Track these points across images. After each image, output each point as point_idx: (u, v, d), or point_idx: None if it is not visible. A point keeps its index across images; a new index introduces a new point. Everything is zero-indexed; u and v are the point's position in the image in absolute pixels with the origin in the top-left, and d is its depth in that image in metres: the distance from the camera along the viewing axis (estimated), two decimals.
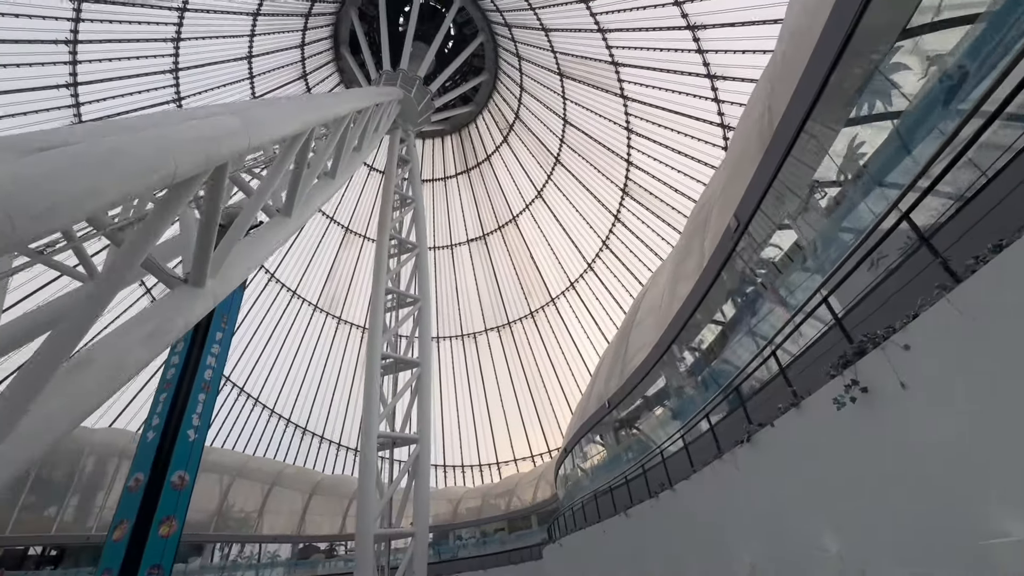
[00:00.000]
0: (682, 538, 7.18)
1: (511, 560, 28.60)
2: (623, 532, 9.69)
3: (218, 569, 24.94)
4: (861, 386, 3.33)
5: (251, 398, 41.92)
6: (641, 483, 9.40)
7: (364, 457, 21.86)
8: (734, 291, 6.96)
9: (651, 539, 8.44)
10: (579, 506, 13.46)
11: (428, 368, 26.86)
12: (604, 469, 13.98)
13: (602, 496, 12.02)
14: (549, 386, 47.65)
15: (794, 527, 4.32)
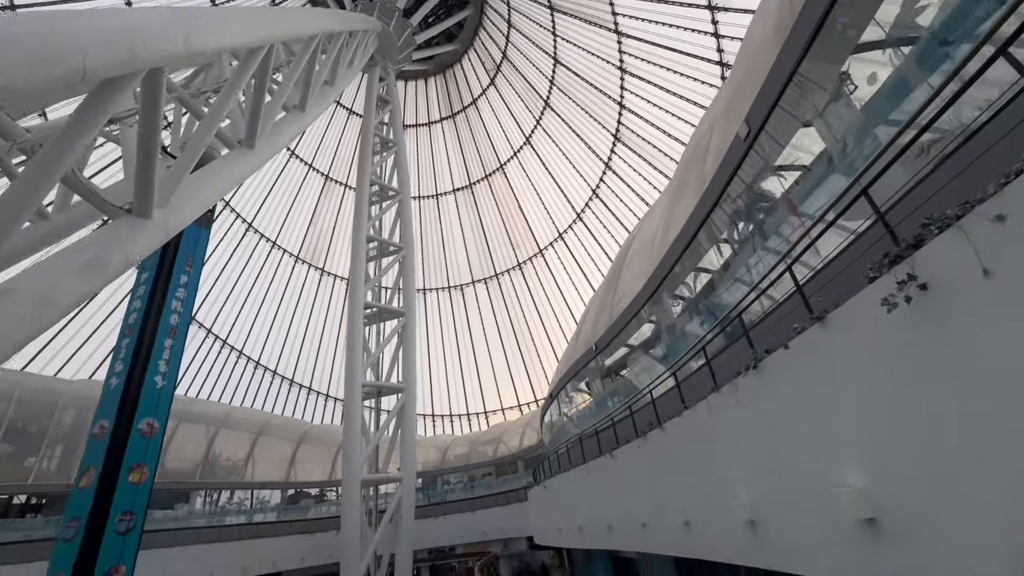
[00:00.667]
0: (670, 477, 6.85)
1: (498, 503, 29.39)
2: (608, 473, 9.43)
3: (207, 515, 25.13)
4: (919, 282, 2.70)
5: (235, 350, 41.32)
6: (628, 425, 9.06)
7: (349, 405, 21.64)
8: (741, 211, 6.27)
9: (637, 479, 8.15)
10: (564, 450, 13.31)
11: (412, 317, 26.32)
12: (589, 413, 13.77)
13: (587, 439, 11.78)
14: (536, 337, 47.77)
15: (804, 461, 3.89)
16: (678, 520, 6.60)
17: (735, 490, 5.01)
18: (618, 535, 9.07)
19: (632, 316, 9.63)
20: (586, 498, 10.92)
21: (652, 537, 7.55)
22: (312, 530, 28.12)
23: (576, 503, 11.61)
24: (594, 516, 10.30)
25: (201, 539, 22.59)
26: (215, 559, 22.49)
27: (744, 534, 4.81)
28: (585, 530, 10.88)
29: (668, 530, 6.88)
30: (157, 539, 21.10)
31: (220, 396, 38.53)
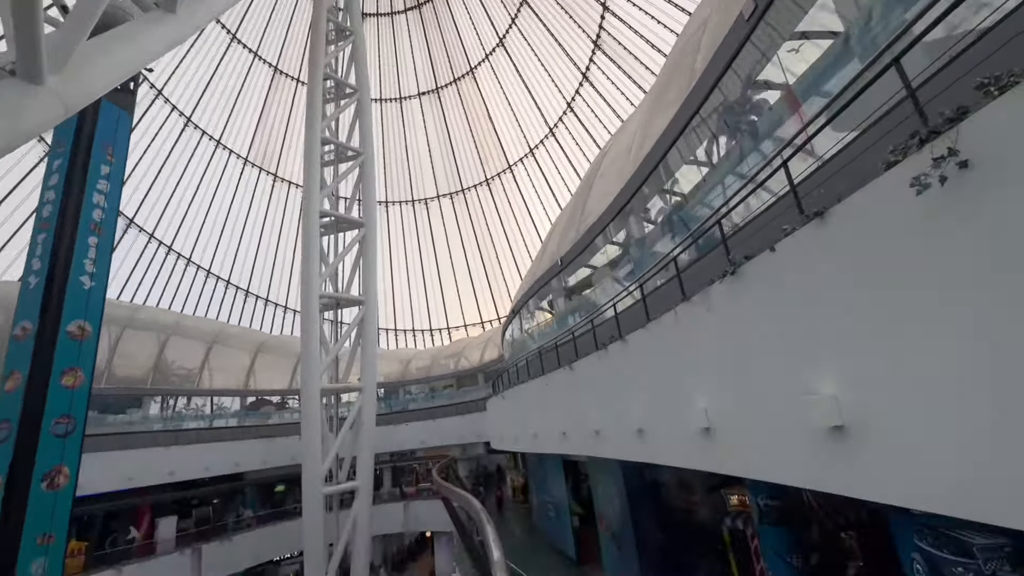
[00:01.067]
0: (627, 387, 6.86)
1: (458, 411, 30.68)
2: (566, 384, 9.50)
3: (163, 419, 24.96)
4: (960, 159, 2.28)
5: (182, 257, 39.06)
6: (589, 339, 8.99)
7: (305, 316, 21.01)
8: (732, 110, 5.69)
9: (594, 390, 8.20)
10: (523, 363, 13.45)
11: (373, 228, 25.14)
12: (550, 329, 13.81)
13: (547, 353, 11.83)
14: (502, 255, 47.51)
15: (776, 369, 3.72)
16: (632, 428, 6.71)
17: (694, 398, 4.95)
18: (571, 441, 9.39)
19: (600, 231, 9.23)
20: (542, 408, 11.18)
21: (604, 444, 7.80)
22: (274, 435, 28.69)
23: (532, 412, 11.93)
24: (549, 424, 10.61)
25: (158, 442, 22.59)
26: (174, 460, 22.69)
27: (699, 440, 4.86)
28: (539, 436, 11.30)
29: (621, 437, 7.06)
30: (110, 442, 20.92)
31: (170, 304, 36.97)
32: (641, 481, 10.45)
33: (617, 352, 7.29)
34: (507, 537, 17.93)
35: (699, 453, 4.90)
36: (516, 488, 26.08)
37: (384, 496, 31.10)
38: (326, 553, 20.34)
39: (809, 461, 3.34)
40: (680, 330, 5.19)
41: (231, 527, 24.75)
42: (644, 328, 6.23)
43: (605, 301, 9.75)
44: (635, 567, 9.94)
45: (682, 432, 5.15)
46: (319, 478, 19.90)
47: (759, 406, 3.99)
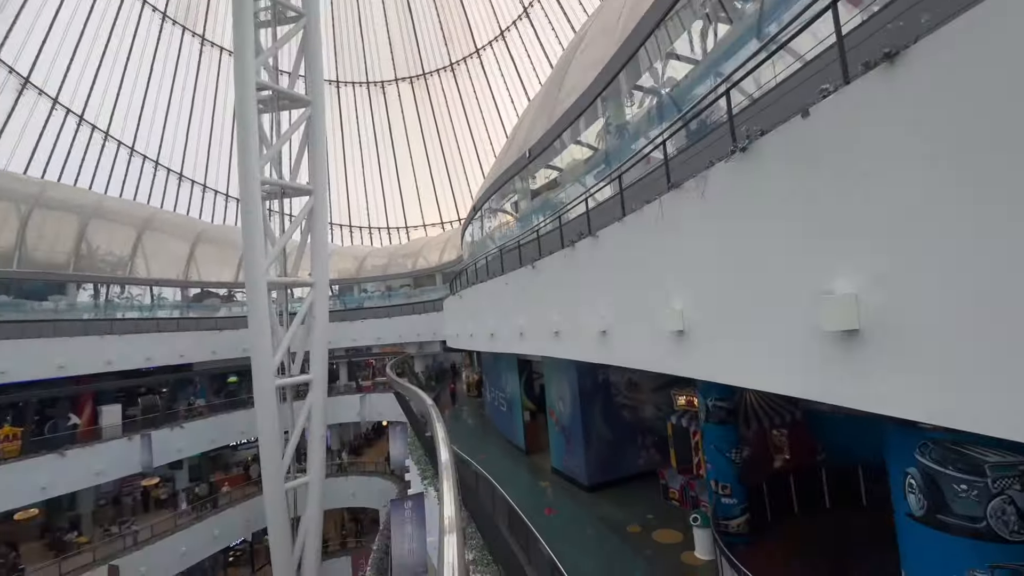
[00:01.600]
0: (596, 287, 6.41)
1: (415, 311, 30.52)
2: (527, 284, 9.00)
3: (91, 308, 23.29)
4: None
5: (98, 130, 34.21)
6: (554, 237, 8.35)
7: (246, 200, 19.13)
8: None
9: (558, 290, 7.75)
10: (483, 262, 12.82)
11: (320, 107, 22.46)
12: (514, 227, 13.03)
13: (508, 253, 11.18)
14: (465, 151, 44.67)
15: (785, 267, 3.20)
16: (596, 329, 6.36)
17: (671, 299, 4.49)
18: (530, 342, 9.16)
19: (580, 112, 8.13)
20: (501, 307, 10.81)
21: (565, 345, 7.55)
22: (222, 327, 27.72)
23: (490, 312, 11.58)
24: (508, 324, 10.32)
25: (90, 331, 21.21)
26: (110, 350, 21.58)
27: (673, 344, 4.51)
28: (497, 336, 11.09)
29: (584, 339, 6.76)
30: (34, 329, 19.44)
31: (91, 185, 32.91)
32: (593, 381, 10.62)
33: (586, 250, 6.71)
34: (461, 429, 18.74)
35: (671, 358, 4.58)
36: (471, 384, 27.05)
37: (341, 388, 31.67)
38: (282, 440, 20.78)
39: (816, 369, 2.97)
40: (665, 223, 4.58)
41: (182, 415, 24.63)
42: (620, 222, 5.58)
43: (575, 197, 8.99)
44: (581, 457, 10.43)
45: (655, 335, 4.79)
46: (270, 370, 19.58)
47: (759, 308, 3.52)
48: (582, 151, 9.03)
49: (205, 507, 23.15)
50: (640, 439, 10.86)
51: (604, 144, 8.03)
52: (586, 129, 8.60)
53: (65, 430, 20.46)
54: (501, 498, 8.63)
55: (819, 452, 9.35)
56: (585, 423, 10.41)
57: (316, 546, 20.80)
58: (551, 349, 8.03)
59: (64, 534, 20.37)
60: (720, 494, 7.41)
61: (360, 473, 27.94)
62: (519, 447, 14.00)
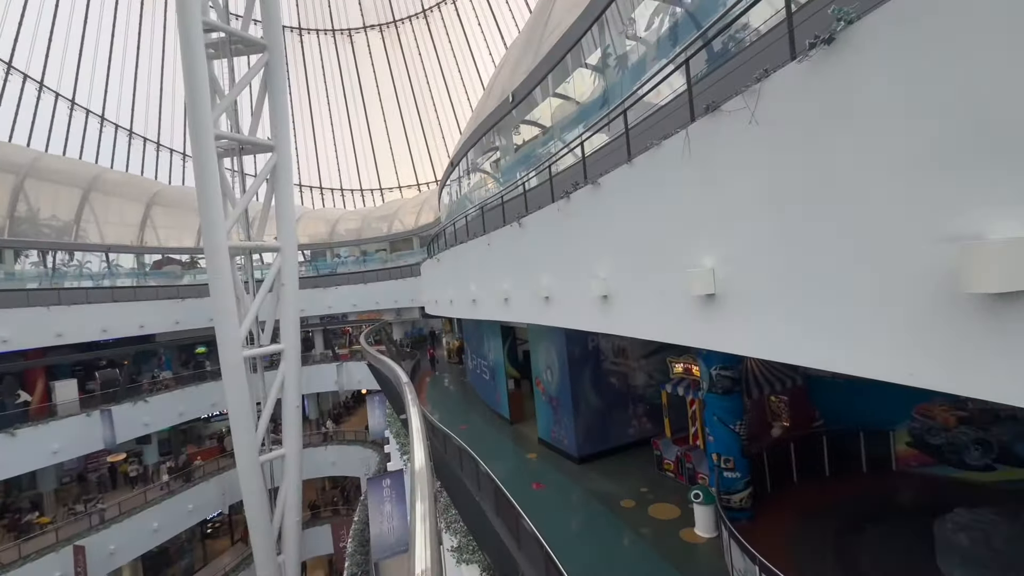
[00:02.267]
0: (595, 244, 5.55)
1: (392, 276, 29.28)
2: (512, 244, 8.07)
3: (37, 276, 21.40)
4: None
5: (33, 81, 30.82)
6: (544, 191, 7.38)
7: (199, 156, 17.36)
8: None
9: (549, 248, 6.87)
10: (462, 222, 11.76)
11: (279, 52, 20.41)
12: (496, 182, 11.93)
13: (491, 211, 10.17)
14: (441, 108, 42.27)
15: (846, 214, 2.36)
16: (593, 294, 5.53)
17: (695, 255, 3.66)
18: (515, 308, 8.32)
19: (575, 42, 6.99)
20: (484, 270, 9.89)
21: (556, 311, 6.74)
22: (185, 296, 26.08)
23: (472, 275, 10.65)
24: (491, 288, 9.43)
25: (33, 301, 19.46)
26: (58, 321, 19.95)
27: (694, 310, 3.71)
28: (479, 302, 10.22)
29: (579, 305, 5.95)
30: None
31: (29, 143, 29.80)
32: (583, 348, 9.93)
33: (583, 201, 5.78)
34: (442, 398, 18.09)
35: (700, 327, 3.74)
36: (451, 350, 26.36)
37: (316, 357, 30.63)
38: (253, 413, 19.85)
39: None
40: (694, 161, 3.66)
41: (146, 388, 23.31)
42: (628, 164, 4.65)
43: (569, 142, 7.97)
44: (571, 428, 9.86)
45: (673, 300, 3.99)
46: (237, 341, 18.41)
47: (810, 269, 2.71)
48: (577, 87, 7.93)
49: (177, 481, 22.32)
50: (631, 408, 10.34)
51: (602, 80, 6.96)
52: (579, 64, 7.48)
53: (14, 408, 19.02)
54: (486, 475, 7.99)
55: (817, 419, 8.98)
56: (574, 392, 9.78)
57: (296, 519, 20.33)
58: (540, 316, 7.21)
59: (24, 515, 19.35)
60: (723, 468, 6.90)
61: (340, 442, 27.38)
62: (503, 416, 13.43)
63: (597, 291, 5.39)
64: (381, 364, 15.97)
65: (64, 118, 33.25)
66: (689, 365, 8.44)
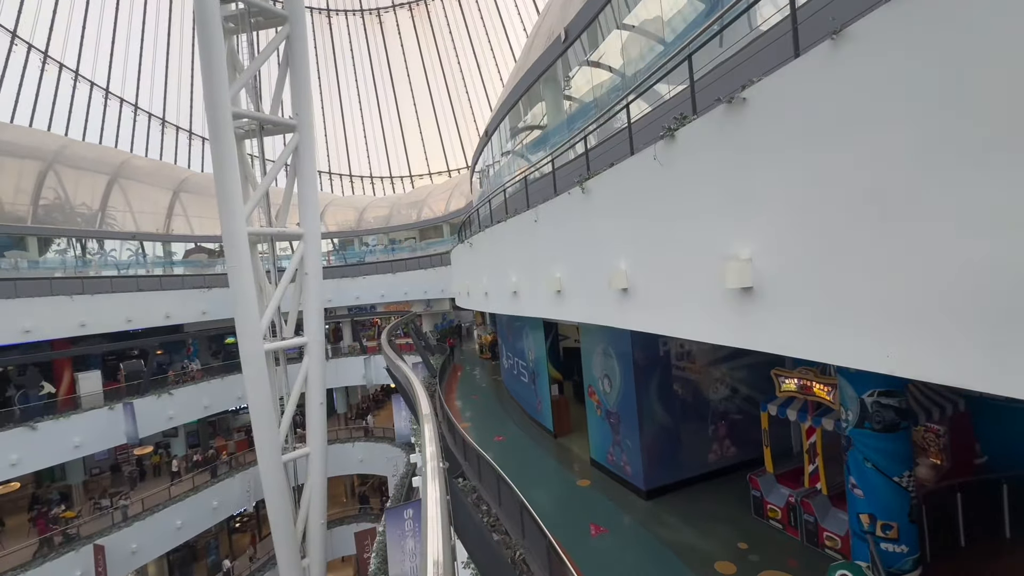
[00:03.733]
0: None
1: (421, 265, 27.79)
2: (569, 216, 6.09)
3: (59, 265, 20.89)
4: None
5: (67, 69, 30.68)
6: (616, 148, 5.33)
7: (215, 135, 16.08)
8: None
9: (627, 220, 4.79)
10: (500, 199, 9.80)
11: (300, 24, 18.91)
12: (543, 143, 9.86)
13: (536, 183, 8.18)
14: (473, 90, 40.26)
15: None
16: (713, 285, 3.50)
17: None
18: (574, 303, 6.35)
19: None
20: (529, 254, 7.94)
21: (643, 309, 4.76)
22: (212, 285, 25.34)
23: (512, 261, 8.73)
24: (538, 276, 7.50)
25: (57, 290, 18.86)
26: (82, 311, 19.31)
27: None
28: (522, 294, 8.31)
29: (688, 302, 3.95)
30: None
31: (67, 131, 29.72)
32: (652, 353, 7.86)
33: (662, 155, 3.73)
34: (473, 400, 16.30)
35: None
36: (483, 344, 24.64)
37: (344, 350, 29.58)
38: (276, 409, 18.73)
39: None
40: None
41: (172, 380, 22.67)
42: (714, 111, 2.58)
43: (641, 84, 5.89)
44: (636, 453, 7.86)
45: None
46: (258, 334, 17.23)
47: None
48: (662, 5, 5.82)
49: (201, 476, 21.61)
50: (711, 428, 8.22)
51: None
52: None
53: (37, 400, 18.53)
54: (528, 516, 6.13)
55: (978, 455, 6.65)
56: (640, 407, 7.75)
57: (321, 521, 19.18)
58: (615, 315, 5.24)
59: (50, 508, 18.95)
60: (881, 536, 4.77)
61: (368, 438, 26.24)
62: (546, 428, 11.52)
63: (729, 280, 3.38)
64: (398, 370, 14.16)
65: (99, 107, 33.22)
66: (808, 382, 6.26)
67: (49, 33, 29.90)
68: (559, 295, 6.58)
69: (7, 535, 18.02)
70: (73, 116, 30.46)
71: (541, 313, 7.47)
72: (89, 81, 32.71)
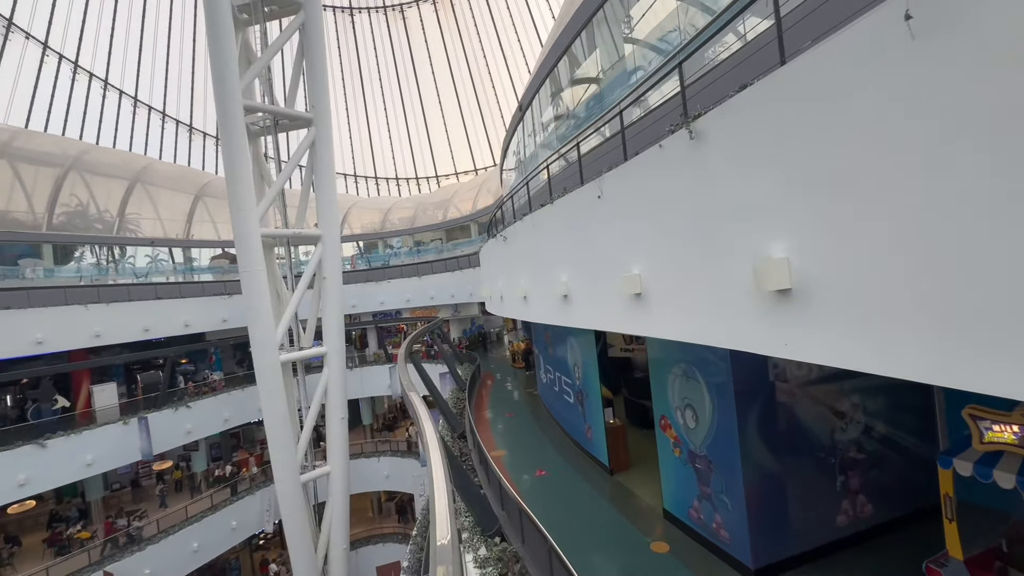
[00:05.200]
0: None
1: (447, 268, 26.14)
2: (652, 181, 3.99)
3: (78, 273, 20.14)
4: None
5: (88, 73, 30.55)
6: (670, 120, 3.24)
7: (225, 128, 14.76)
8: None
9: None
10: (544, 174, 7.83)
11: (316, 12, 17.53)
12: (597, 104, 7.83)
13: (593, 154, 6.22)
14: (500, 86, 38.55)
15: None
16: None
17: None
18: (663, 313, 4.34)
19: None
20: (586, 245, 5.94)
21: (714, 321, 2.79)
22: (232, 292, 24.36)
23: (560, 254, 6.76)
24: (599, 275, 5.49)
25: (71, 300, 18.03)
26: (97, 320, 18.43)
27: None
28: (574, 299, 6.34)
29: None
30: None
31: (98, 140, 29.60)
32: (759, 378, 5.74)
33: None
34: (507, 420, 14.34)
35: None
36: (516, 352, 22.73)
37: (369, 358, 28.20)
38: (294, 424, 17.33)
39: None
40: None
41: (191, 392, 21.67)
42: None
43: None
44: (737, 512, 5.74)
45: None
46: (272, 344, 15.83)
47: None
48: None
49: (221, 493, 20.45)
50: (839, 480, 6.02)
51: None
52: None
53: (51, 415, 17.68)
54: None
55: None
56: (746, 453, 5.65)
57: (343, 546, 17.63)
58: (753, 335, 3.23)
59: (66, 528, 18.08)
60: None
61: (393, 453, 24.71)
62: (598, 460, 9.45)
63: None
64: (410, 406, 12.17)
65: (128, 115, 33.18)
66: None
67: (79, 42, 29.87)
68: (637, 300, 4.58)
69: (23, 556, 17.20)
70: (103, 123, 30.37)
71: (611, 326, 5.47)
72: (118, 89, 32.66)
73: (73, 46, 29.63)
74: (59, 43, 28.64)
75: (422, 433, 5.48)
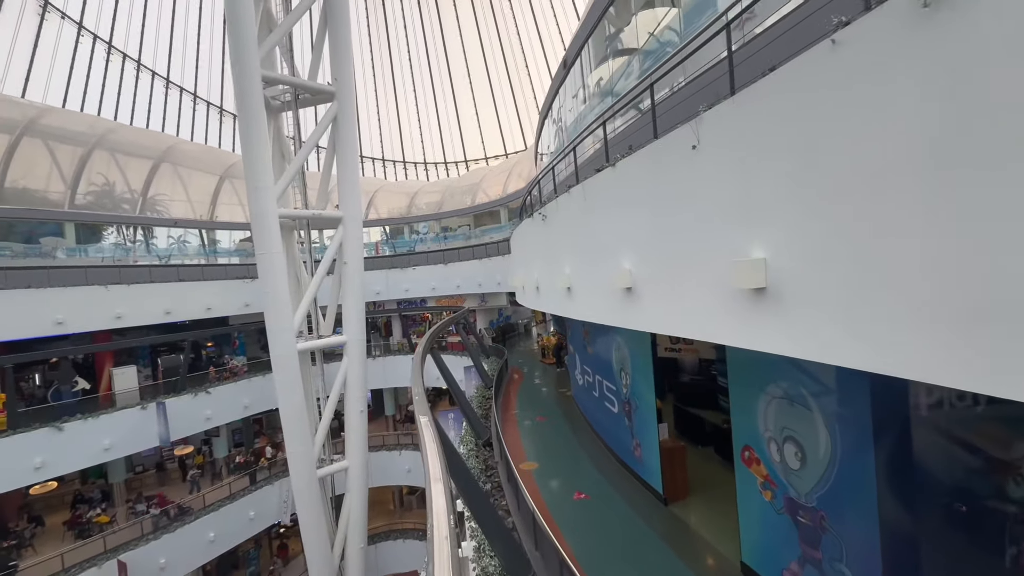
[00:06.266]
0: None
1: (475, 255, 24.82)
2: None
3: (99, 252, 19.74)
4: None
5: (114, 48, 30.23)
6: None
7: (242, 100, 13.74)
8: None
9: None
10: (585, 151, 6.28)
11: None
12: (653, 53, 6.19)
13: (668, 101, 4.60)
14: (534, 66, 36.66)
15: None
16: None
17: None
18: (780, 322, 2.82)
19: None
20: (664, 220, 4.38)
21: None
22: (254, 276, 23.68)
23: (621, 234, 5.19)
24: (677, 259, 3.95)
25: (92, 280, 17.60)
26: (118, 302, 17.98)
27: None
28: (640, 291, 4.84)
29: None
30: (15, 278, 15.88)
31: (131, 121, 29.48)
32: (901, 407, 4.11)
33: None
34: (538, 426, 12.91)
35: None
36: (547, 347, 21.28)
37: (393, 347, 27.31)
38: (312, 416, 16.50)
39: None
40: None
41: (212, 377, 21.17)
42: None
43: None
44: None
45: None
46: (289, 332, 14.94)
47: None
48: None
49: (240, 481, 19.94)
50: (1010, 552, 4.35)
51: None
52: None
53: (70, 397, 17.36)
54: None
55: None
56: (885, 514, 4.06)
57: (360, 544, 16.78)
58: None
59: (87, 510, 17.87)
60: None
61: (416, 448, 23.79)
62: (650, 487, 7.93)
63: None
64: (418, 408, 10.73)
65: (160, 96, 33.04)
66: None
67: (112, 23, 29.65)
68: (759, 296, 3.05)
69: (45, 537, 17.04)
70: (136, 104, 30.25)
71: (704, 334, 3.91)
72: (151, 70, 32.48)
73: (107, 27, 29.45)
74: (93, 23, 28.48)
75: (426, 474, 4.20)
